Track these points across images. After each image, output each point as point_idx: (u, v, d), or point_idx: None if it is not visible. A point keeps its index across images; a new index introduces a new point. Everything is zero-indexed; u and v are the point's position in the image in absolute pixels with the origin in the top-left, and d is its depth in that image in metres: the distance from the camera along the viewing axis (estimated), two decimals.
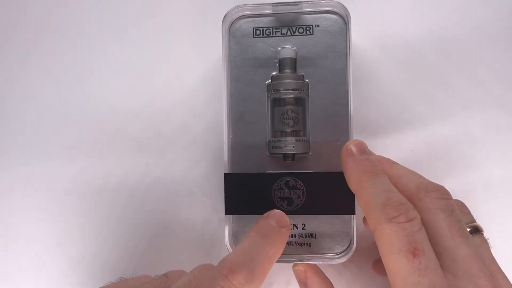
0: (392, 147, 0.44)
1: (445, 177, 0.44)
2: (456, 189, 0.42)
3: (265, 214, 0.36)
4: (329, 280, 0.38)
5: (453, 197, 0.35)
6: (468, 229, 0.34)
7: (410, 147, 0.44)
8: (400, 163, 0.37)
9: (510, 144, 0.44)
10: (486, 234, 0.36)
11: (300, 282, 0.38)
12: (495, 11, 0.45)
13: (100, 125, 0.46)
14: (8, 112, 0.47)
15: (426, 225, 0.31)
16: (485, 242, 0.35)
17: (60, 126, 0.47)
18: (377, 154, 0.38)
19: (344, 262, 0.38)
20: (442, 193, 0.32)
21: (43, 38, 0.47)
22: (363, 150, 0.35)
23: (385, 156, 0.38)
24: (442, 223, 0.31)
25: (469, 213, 0.37)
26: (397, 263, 0.29)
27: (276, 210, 0.37)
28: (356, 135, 0.39)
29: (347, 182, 0.35)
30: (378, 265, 0.41)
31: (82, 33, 0.47)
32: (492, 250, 0.35)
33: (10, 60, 0.48)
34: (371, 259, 0.43)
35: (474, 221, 0.36)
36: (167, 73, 0.46)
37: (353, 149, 0.35)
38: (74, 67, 0.47)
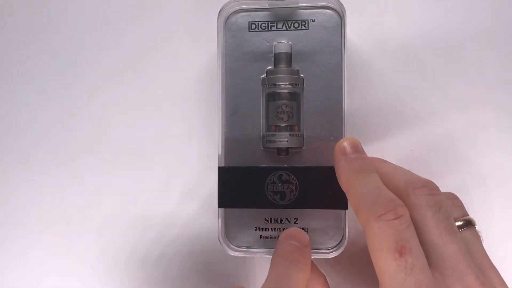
0: (387, 143, 0.44)
1: (441, 174, 0.44)
2: (452, 186, 0.42)
3: (284, 235, 0.35)
4: (323, 275, 0.38)
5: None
6: (461, 223, 0.35)
7: (405, 143, 0.44)
8: (394, 159, 0.37)
9: (507, 142, 0.44)
10: (479, 227, 0.36)
11: None
12: (493, 10, 0.44)
13: (97, 127, 0.47)
14: (8, 113, 0.48)
15: (414, 222, 0.31)
16: (476, 236, 0.35)
17: (59, 127, 0.47)
18: (371, 153, 0.38)
19: (338, 256, 0.38)
20: (430, 189, 0.32)
21: (41, 35, 0.48)
22: (356, 148, 0.35)
23: (380, 151, 0.38)
24: (429, 220, 0.31)
25: (461, 206, 0.37)
26: (384, 261, 0.29)
27: (293, 229, 0.36)
28: (349, 130, 0.39)
29: (338, 181, 0.35)
30: None
31: (79, 30, 0.47)
32: (484, 244, 0.35)
33: (10, 59, 0.48)
34: (364, 253, 0.43)
35: (466, 214, 0.36)
36: (162, 67, 0.46)
37: (346, 147, 0.35)
38: (72, 65, 0.47)
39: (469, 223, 0.35)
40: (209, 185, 0.45)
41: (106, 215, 0.46)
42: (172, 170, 0.46)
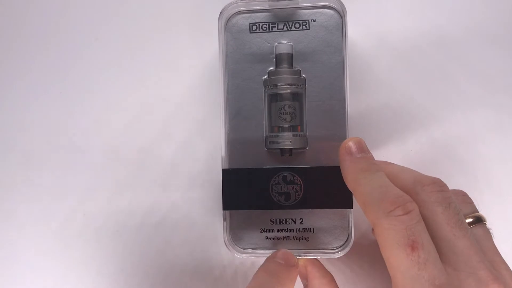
0: (390, 142, 0.44)
1: (448, 173, 0.44)
2: (460, 185, 0.42)
3: (272, 254, 0.36)
4: (330, 274, 0.38)
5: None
6: (471, 219, 0.35)
7: (410, 142, 0.44)
8: (399, 158, 0.37)
9: (511, 141, 0.44)
10: (489, 224, 0.36)
11: (301, 276, 0.38)
12: (494, 8, 0.45)
13: (97, 128, 0.46)
14: (7, 113, 0.47)
15: (424, 219, 0.31)
16: (487, 232, 0.35)
17: (59, 127, 0.47)
18: (374, 152, 0.38)
19: (345, 256, 0.38)
20: (438, 185, 0.32)
21: (41, 36, 0.48)
22: (362, 148, 0.35)
23: (384, 150, 0.38)
24: (440, 216, 0.31)
25: (471, 203, 0.37)
26: (396, 257, 0.29)
27: (283, 250, 0.37)
28: (353, 130, 0.39)
29: (344, 180, 0.35)
30: None
31: (80, 31, 0.47)
32: (495, 241, 0.35)
33: (10, 60, 0.48)
34: (372, 252, 0.43)
35: (476, 211, 0.36)
36: (164, 70, 0.46)
37: (352, 146, 0.35)
38: (72, 65, 0.47)
39: (479, 220, 0.35)
40: (213, 187, 0.45)
41: (106, 217, 0.46)
42: (175, 173, 0.45)
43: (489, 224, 0.35)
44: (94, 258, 0.46)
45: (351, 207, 0.37)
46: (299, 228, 0.39)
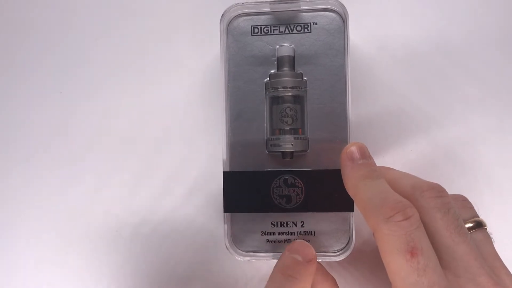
0: (391, 144, 0.44)
1: (451, 177, 0.44)
2: (458, 189, 0.42)
3: (288, 247, 0.35)
4: (333, 277, 0.38)
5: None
6: (471, 224, 0.34)
7: (410, 145, 0.44)
8: (399, 161, 0.37)
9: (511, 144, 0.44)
10: (489, 229, 0.35)
11: None
12: (495, 12, 0.44)
13: (97, 129, 0.46)
14: (7, 113, 0.47)
15: (423, 225, 0.31)
16: (487, 237, 0.35)
17: (59, 127, 0.47)
18: (376, 155, 0.38)
19: (345, 260, 0.38)
20: (437, 191, 0.32)
21: (42, 35, 0.48)
22: (363, 153, 0.35)
23: (385, 153, 0.38)
24: (438, 222, 0.31)
25: (471, 207, 0.37)
26: (396, 263, 0.29)
27: (299, 242, 0.36)
28: (354, 133, 0.39)
29: (345, 186, 0.35)
30: None
31: (81, 32, 0.47)
32: (495, 245, 0.34)
33: (9, 59, 0.48)
34: (371, 258, 0.43)
35: (477, 216, 0.36)
36: (165, 72, 0.46)
37: (354, 152, 0.35)
38: (72, 66, 0.47)
39: (479, 225, 0.35)
40: (214, 190, 0.45)
41: (107, 220, 0.46)
42: (176, 175, 0.45)
43: (489, 226, 0.35)
44: (94, 261, 0.46)
45: (352, 210, 0.37)
46: (300, 231, 0.39)
